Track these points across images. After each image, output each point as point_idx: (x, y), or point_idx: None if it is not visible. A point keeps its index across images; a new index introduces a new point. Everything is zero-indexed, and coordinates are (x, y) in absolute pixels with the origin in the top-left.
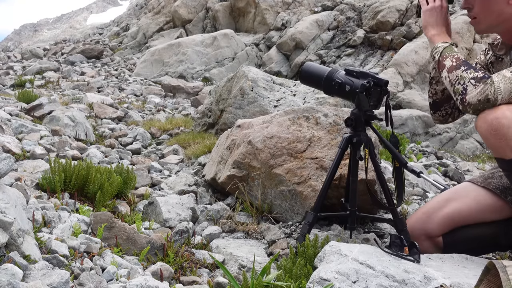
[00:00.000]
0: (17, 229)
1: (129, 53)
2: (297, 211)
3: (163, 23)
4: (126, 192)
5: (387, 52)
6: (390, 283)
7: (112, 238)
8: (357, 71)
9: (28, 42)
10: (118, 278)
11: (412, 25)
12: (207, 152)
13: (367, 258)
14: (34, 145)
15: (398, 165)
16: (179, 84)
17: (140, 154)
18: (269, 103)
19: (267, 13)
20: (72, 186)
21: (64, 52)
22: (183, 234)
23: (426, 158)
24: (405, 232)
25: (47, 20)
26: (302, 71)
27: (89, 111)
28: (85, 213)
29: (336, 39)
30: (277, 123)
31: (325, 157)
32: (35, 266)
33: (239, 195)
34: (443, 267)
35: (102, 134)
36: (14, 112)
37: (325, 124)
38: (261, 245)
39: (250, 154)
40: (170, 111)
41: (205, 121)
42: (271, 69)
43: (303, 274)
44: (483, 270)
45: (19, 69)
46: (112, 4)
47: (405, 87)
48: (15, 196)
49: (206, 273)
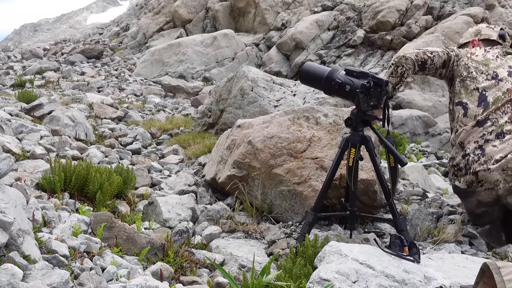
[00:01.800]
0: (17, 229)
1: (129, 53)
2: (297, 211)
3: (163, 23)
4: (126, 192)
5: (387, 52)
6: (390, 283)
7: (112, 238)
8: (357, 71)
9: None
10: (118, 278)
11: (412, 25)
12: (207, 152)
13: (367, 258)
14: (34, 145)
15: (393, 164)
16: (179, 84)
17: (140, 154)
18: (269, 103)
19: (267, 13)
20: (72, 186)
21: (64, 52)
22: (183, 234)
23: (426, 158)
24: (405, 232)
25: (47, 20)
26: (302, 71)
27: (89, 111)
28: (85, 213)
29: (336, 39)
30: (277, 123)
31: (325, 157)
32: (35, 266)
33: (239, 195)
34: (443, 267)
35: (102, 134)
36: (14, 112)
37: (325, 124)
38: (261, 245)
39: (250, 154)
40: (170, 111)
41: (205, 121)
42: (271, 69)
43: (303, 274)
44: (478, 272)
45: (19, 69)
46: (112, 4)
47: (405, 87)
48: (15, 196)
49: (206, 273)
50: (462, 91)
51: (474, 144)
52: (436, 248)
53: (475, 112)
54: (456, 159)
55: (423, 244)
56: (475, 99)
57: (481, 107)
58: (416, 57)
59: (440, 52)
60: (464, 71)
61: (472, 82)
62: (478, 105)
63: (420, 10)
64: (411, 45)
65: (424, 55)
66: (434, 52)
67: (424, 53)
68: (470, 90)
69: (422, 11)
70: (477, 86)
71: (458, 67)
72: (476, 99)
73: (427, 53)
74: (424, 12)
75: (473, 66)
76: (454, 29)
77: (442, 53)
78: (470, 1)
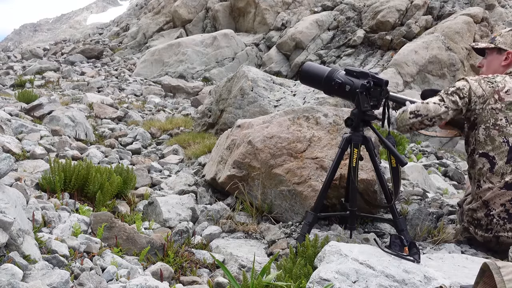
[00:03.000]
0: (17, 229)
1: (129, 53)
2: (297, 211)
3: (163, 23)
4: (126, 192)
5: (387, 52)
6: (390, 283)
7: (112, 238)
8: (357, 71)
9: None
10: (118, 278)
11: (412, 25)
12: (207, 152)
13: (367, 258)
14: (34, 145)
15: (395, 164)
16: (179, 84)
17: (140, 154)
18: (269, 103)
19: (267, 13)
20: (72, 186)
21: (64, 52)
22: (183, 234)
23: (426, 158)
24: (405, 232)
25: (47, 20)
26: (302, 71)
27: (89, 111)
28: (85, 213)
29: (336, 39)
30: (277, 123)
31: (325, 157)
32: (35, 266)
33: (239, 195)
34: (443, 267)
35: (102, 134)
36: (14, 112)
37: (325, 124)
38: (261, 245)
39: (250, 154)
40: (170, 111)
41: (205, 121)
42: (271, 69)
43: (303, 274)
44: (478, 272)
45: (19, 69)
46: (112, 4)
47: (405, 87)
48: (15, 196)
49: (206, 273)
50: (488, 141)
51: (500, 207)
52: (436, 248)
53: (503, 170)
54: (478, 214)
55: (423, 244)
56: (504, 154)
57: (510, 164)
58: (420, 126)
59: (443, 112)
60: (491, 117)
61: (501, 132)
62: (507, 162)
63: (420, 10)
64: (411, 45)
65: (427, 122)
66: (436, 117)
67: (422, 122)
68: (498, 142)
69: (422, 11)
70: (508, 138)
71: (483, 112)
72: (505, 154)
73: (426, 121)
74: (424, 12)
75: (503, 110)
76: (454, 29)
77: (450, 110)
78: (470, 1)
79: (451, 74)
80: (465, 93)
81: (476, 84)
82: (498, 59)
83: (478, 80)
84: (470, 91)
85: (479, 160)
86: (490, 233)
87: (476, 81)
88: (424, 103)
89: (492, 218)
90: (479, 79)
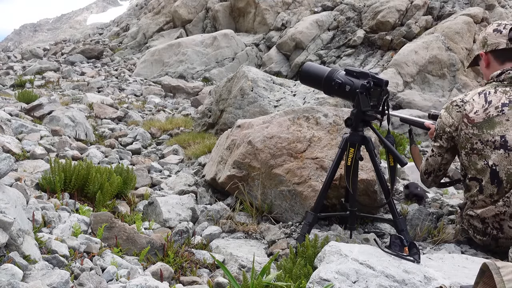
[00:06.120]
0: (17, 229)
1: (129, 53)
2: (297, 211)
3: (163, 23)
4: (126, 192)
5: (387, 52)
6: (390, 283)
7: (112, 238)
8: (357, 71)
9: (28, 42)
10: (118, 278)
11: (412, 25)
12: (207, 152)
13: (367, 258)
14: (34, 145)
15: (392, 163)
16: (179, 84)
17: (140, 154)
18: (269, 103)
19: (267, 13)
20: (72, 186)
21: (64, 52)
22: (183, 234)
23: None
24: (405, 232)
25: (47, 20)
26: (302, 71)
27: (89, 111)
28: (85, 213)
29: (336, 39)
30: (277, 123)
31: (325, 157)
32: (35, 266)
33: (239, 195)
34: (443, 267)
35: (102, 134)
36: (14, 112)
37: (325, 124)
38: (261, 245)
39: (250, 154)
40: (170, 111)
41: (205, 121)
42: (271, 69)
43: (303, 274)
44: (478, 272)
45: (19, 69)
46: (112, 4)
47: (405, 87)
48: (15, 196)
49: (206, 273)
50: (471, 166)
51: (492, 218)
52: (436, 248)
53: (491, 191)
54: (473, 222)
55: (423, 244)
56: (488, 176)
57: (495, 185)
58: (439, 179)
59: (440, 160)
60: (467, 142)
61: (480, 156)
62: (492, 183)
63: (420, 10)
64: (411, 45)
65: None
66: (440, 167)
67: (437, 177)
68: (480, 166)
69: (422, 11)
70: (487, 160)
71: (459, 138)
72: (489, 176)
73: (438, 173)
74: (424, 12)
75: (476, 133)
76: (454, 29)
77: (444, 154)
78: (470, 1)
79: (451, 74)
80: (441, 129)
81: (446, 114)
82: (481, 64)
83: (449, 109)
84: (443, 125)
85: (471, 184)
86: (488, 237)
87: (447, 111)
88: (426, 159)
89: (487, 226)
90: (450, 107)
